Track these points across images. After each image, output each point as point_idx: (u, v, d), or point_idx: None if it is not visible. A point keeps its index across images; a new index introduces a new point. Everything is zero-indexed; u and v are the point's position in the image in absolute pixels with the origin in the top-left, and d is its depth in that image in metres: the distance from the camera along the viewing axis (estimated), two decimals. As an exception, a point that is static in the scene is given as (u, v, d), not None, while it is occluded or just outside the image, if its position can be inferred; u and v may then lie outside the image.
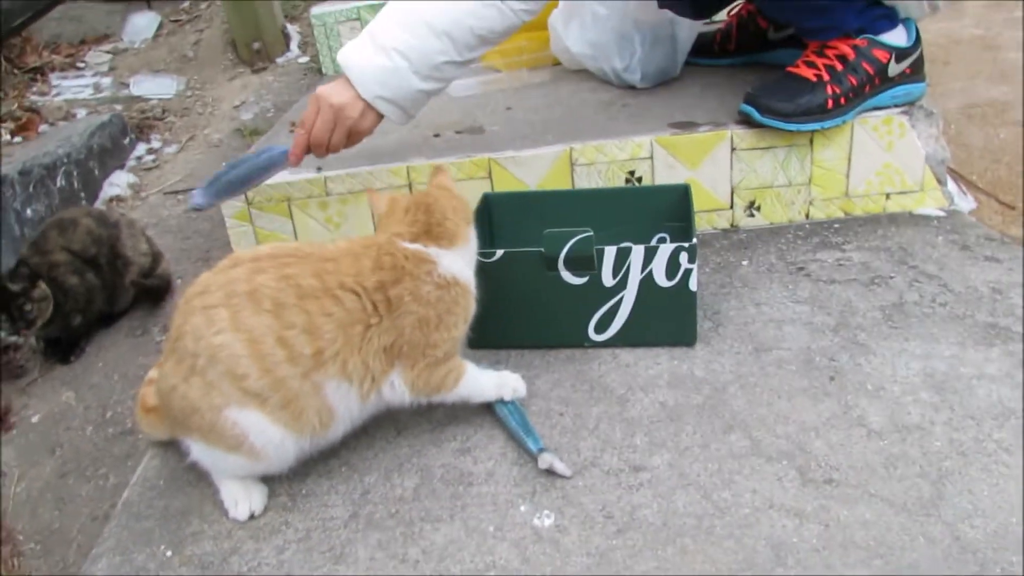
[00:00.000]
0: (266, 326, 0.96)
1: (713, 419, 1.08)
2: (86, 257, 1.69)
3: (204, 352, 0.96)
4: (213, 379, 0.96)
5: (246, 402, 0.96)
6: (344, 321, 0.99)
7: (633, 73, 1.81)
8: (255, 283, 0.98)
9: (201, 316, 0.97)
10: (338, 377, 0.99)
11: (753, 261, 1.47)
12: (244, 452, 0.99)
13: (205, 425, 0.98)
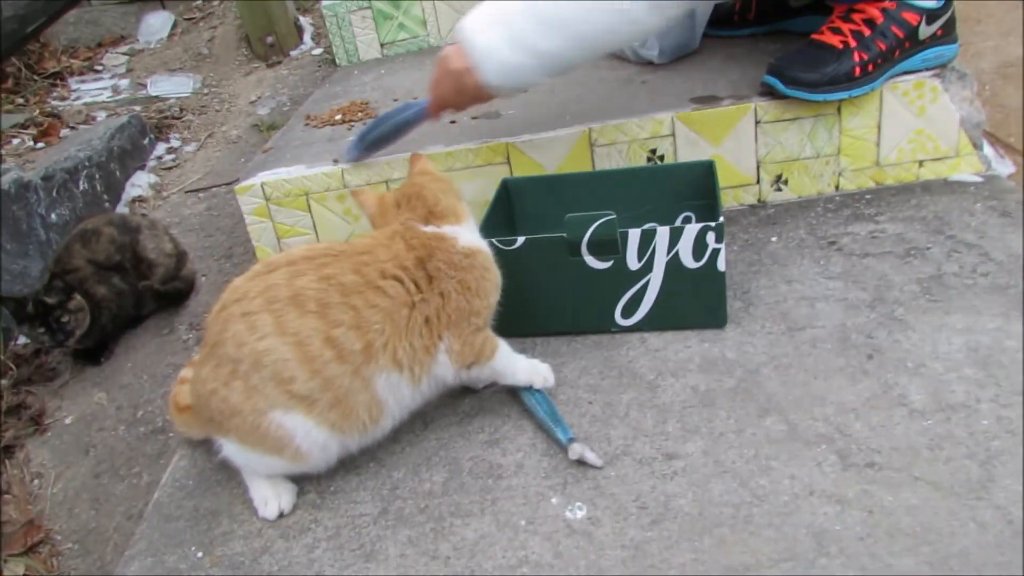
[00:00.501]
0: (312, 328, 0.96)
1: (747, 403, 1.05)
2: (110, 265, 1.70)
3: (247, 358, 0.96)
4: (257, 383, 0.96)
5: (292, 405, 0.96)
6: (390, 309, 0.99)
7: (651, 49, 1.76)
8: (296, 287, 0.98)
9: (242, 323, 0.97)
10: (389, 367, 0.99)
11: (782, 237, 1.43)
12: (287, 455, 0.98)
13: (246, 427, 0.97)
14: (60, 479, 1.55)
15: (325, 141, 1.71)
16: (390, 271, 1.01)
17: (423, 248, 1.04)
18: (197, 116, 2.78)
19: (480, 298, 1.05)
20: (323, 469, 1.04)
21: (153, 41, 3.28)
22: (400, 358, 0.99)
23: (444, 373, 1.04)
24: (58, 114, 2.67)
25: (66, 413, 1.69)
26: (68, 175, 2.11)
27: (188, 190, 2.37)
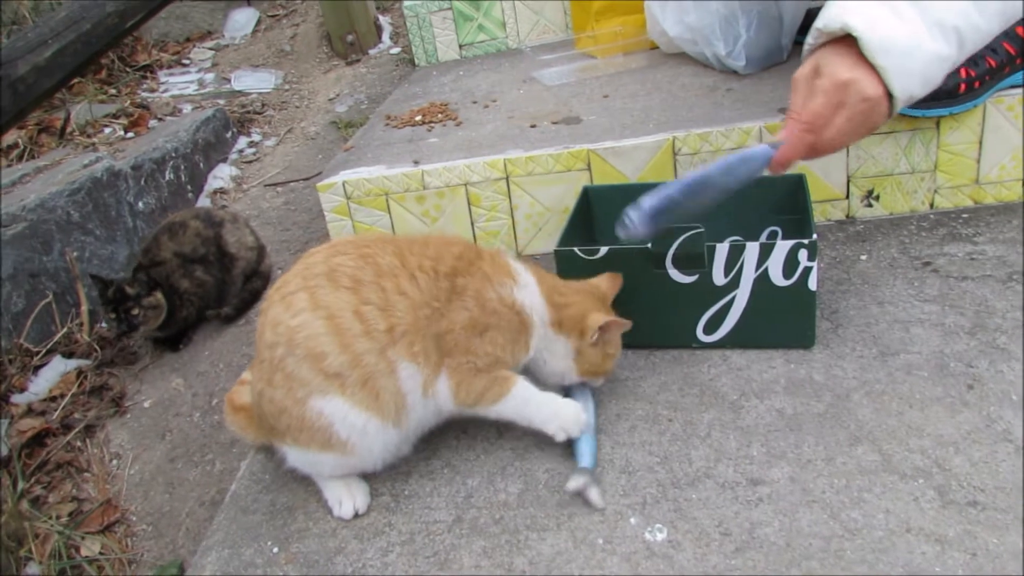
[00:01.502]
0: (344, 301, 0.96)
1: (837, 429, 1.00)
2: (196, 257, 1.75)
3: (283, 338, 0.96)
4: (293, 368, 0.95)
5: (327, 388, 0.95)
6: (416, 301, 0.98)
7: (737, 59, 1.71)
8: (333, 263, 0.99)
9: (280, 304, 0.98)
10: (408, 358, 0.97)
11: (873, 255, 1.37)
12: (334, 446, 0.98)
13: (294, 423, 0.98)
14: (137, 461, 1.60)
15: (405, 142, 1.72)
16: (427, 266, 1.00)
17: (470, 264, 1.03)
18: (277, 111, 2.84)
19: (483, 343, 1.00)
20: (375, 464, 1.02)
21: (238, 37, 3.37)
22: (416, 354, 0.98)
23: (442, 401, 1.01)
24: (147, 105, 2.76)
25: (145, 397, 1.74)
26: (156, 165, 2.18)
27: (267, 184, 2.42)
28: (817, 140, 1.03)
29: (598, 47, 2.03)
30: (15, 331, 1.72)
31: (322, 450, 0.99)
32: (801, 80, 1.05)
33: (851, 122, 1.01)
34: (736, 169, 1.07)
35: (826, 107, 1.01)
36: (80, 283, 1.84)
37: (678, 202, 1.05)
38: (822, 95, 1.01)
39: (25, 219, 1.76)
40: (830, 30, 1.01)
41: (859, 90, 0.98)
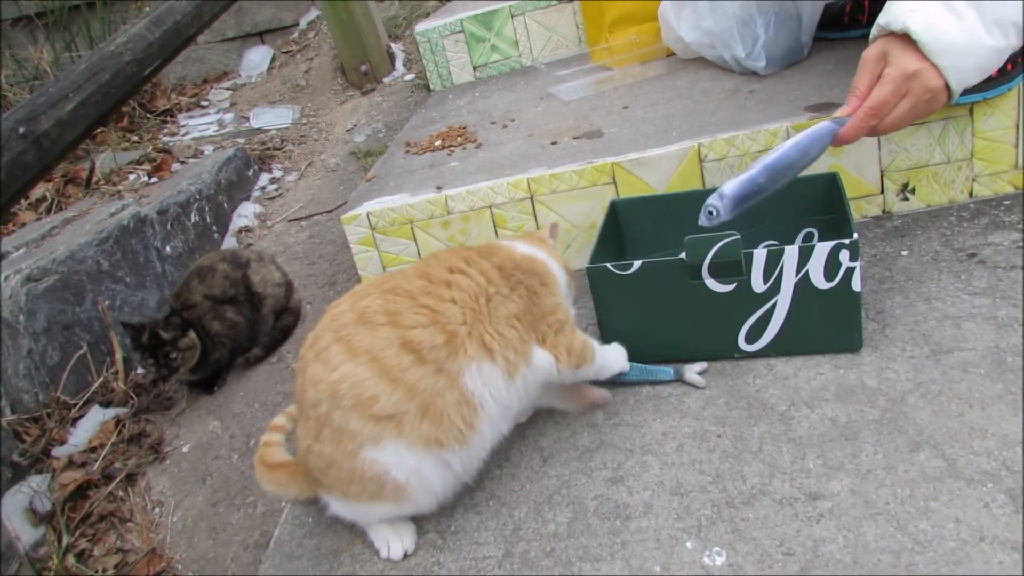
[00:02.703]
0: (385, 338, 0.93)
1: (895, 436, 0.96)
2: (225, 299, 1.75)
3: (324, 394, 0.93)
4: (340, 422, 0.92)
5: (380, 433, 0.92)
6: (466, 299, 0.98)
7: (757, 60, 1.68)
8: (360, 307, 0.97)
9: (316, 363, 0.95)
10: (479, 356, 0.95)
11: (914, 250, 1.32)
12: (388, 495, 0.95)
13: (344, 476, 0.95)
14: (179, 507, 1.59)
15: (426, 168, 1.71)
16: (456, 267, 1.02)
17: (483, 249, 1.08)
18: (297, 146, 2.86)
19: (547, 296, 1.05)
20: (433, 506, 1.00)
21: (254, 75, 3.41)
22: (490, 344, 0.96)
23: (546, 369, 1.02)
24: (169, 149, 2.80)
25: (183, 441, 1.73)
26: (181, 208, 2.20)
27: (291, 219, 2.43)
28: (879, 124, 1.11)
29: (614, 58, 2.01)
30: (51, 384, 1.73)
31: (374, 501, 0.96)
32: (870, 61, 1.11)
33: (913, 110, 1.09)
34: (810, 149, 1.11)
35: (893, 95, 1.08)
36: (113, 331, 1.85)
37: (763, 185, 1.08)
38: (890, 83, 1.08)
39: (56, 271, 1.78)
40: (891, 29, 1.06)
41: (924, 82, 1.06)
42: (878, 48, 1.09)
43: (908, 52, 1.06)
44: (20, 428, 1.68)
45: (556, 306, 1.06)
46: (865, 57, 1.11)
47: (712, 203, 1.07)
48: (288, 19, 3.57)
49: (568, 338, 1.05)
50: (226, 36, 3.54)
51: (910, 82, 1.07)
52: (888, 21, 1.07)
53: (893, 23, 1.06)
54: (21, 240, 2.09)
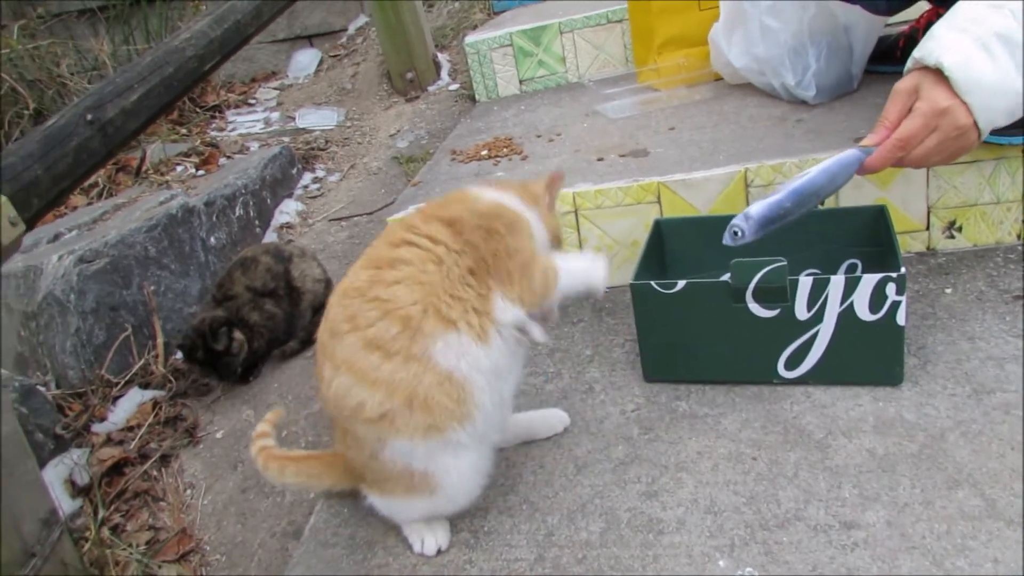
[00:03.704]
0: (352, 344, 0.93)
1: (934, 472, 0.96)
2: (266, 292, 1.79)
3: (335, 409, 0.98)
4: (351, 429, 0.98)
5: (381, 434, 0.94)
6: (413, 272, 0.93)
7: (807, 89, 1.69)
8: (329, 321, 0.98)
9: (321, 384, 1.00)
10: (439, 331, 0.91)
11: (958, 288, 1.32)
12: (419, 486, 0.96)
13: (378, 477, 1.00)
14: (210, 491, 1.62)
15: (471, 176, 1.74)
16: (399, 239, 0.97)
17: (438, 204, 1.02)
18: (340, 148, 2.91)
19: (513, 238, 0.96)
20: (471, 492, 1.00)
21: (301, 77, 3.48)
22: (447, 314, 0.92)
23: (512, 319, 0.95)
24: (217, 144, 2.86)
25: (217, 427, 1.77)
26: (227, 201, 2.25)
27: (332, 218, 2.47)
28: (906, 156, 1.11)
29: (661, 79, 2.03)
30: (96, 362, 1.77)
31: (408, 495, 0.98)
32: (902, 93, 1.11)
33: (940, 145, 1.09)
34: (837, 176, 1.12)
35: (921, 129, 1.08)
36: (156, 316, 1.89)
37: (789, 210, 1.09)
38: (920, 118, 1.08)
39: (107, 255, 1.83)
40: (925, 63, 1.07)
41: (953, 119, 1.06)
42: (911, 81, 1.10)
43: (940, 88, 1.06)
44: (63, 402, 1.73)
45: (520, 249, 0.96)
46: (897, 88, 1.12)
47: (737, 223, 1.08)
48: (337, 24, 3.64)
49: (530, 279, 0.96)
50: (276, 37, 3.61)
51: (940, 118, 1.07)
52: (923, 55, 1.08)
53: (927, 57, 1.07)
54: (74, 222, 2.15)
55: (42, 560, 1.12)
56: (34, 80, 2.89)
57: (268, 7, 2.01)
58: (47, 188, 1.27)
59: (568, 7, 2.47)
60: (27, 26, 3.34)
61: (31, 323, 1.78)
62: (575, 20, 2.32)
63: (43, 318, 1.76)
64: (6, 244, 1.14)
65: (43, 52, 3.05)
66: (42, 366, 1.79)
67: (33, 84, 2.88)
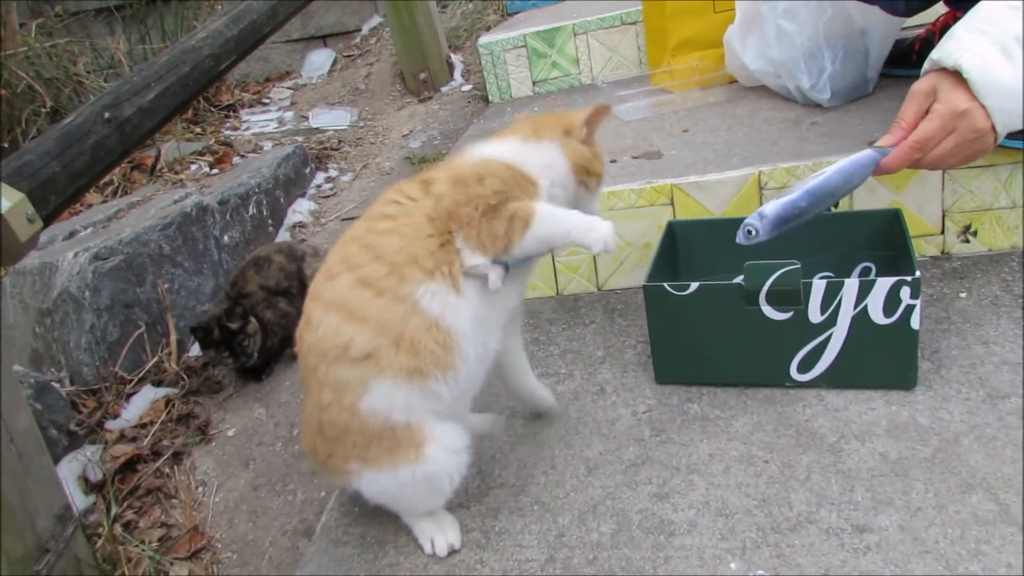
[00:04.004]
0: (344, 284, 0.96)
1: (947, 476, 0.96)
2: (279, 290, 1.80)
3: (314, 356, 0.96)
4: (332, 377, 0.95)
5: (364, 375, 0.93)
6: (396, 226, 0.97)
7: (822, 92, 1.69)
8: (326, 267, 1.00)
9: (307, 331, 0.99)
10: (420, 277, 0.93)
11: (973, 293, 1.31)
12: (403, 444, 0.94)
13: (361, 440, 0.96)
14: (222, 488, 1.63)
15: (485, 176, 1.74)
16: (388, 197, 1.02)
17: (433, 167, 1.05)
18: (353, 148, 2.92)
19: (483, 187, 0.96)
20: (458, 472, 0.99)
21: (315, 76, 3.50)
22: (424, 263, 0.94)
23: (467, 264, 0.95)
24: (230, 143, 2.88)
25: (229, 425, 1.78)
26: (240, 200, 2.26)
27: (344, 218, 2.48)
28: (923, 158, 1.10)
29: (675, 82, 2.03)
30: (109, 360, 1.79)
31: (394, 459, 0.95)
32: (919, 94, 1.10)
33: (957, 148, 1.08)
34: (853, 176, 1.11)
35: (939, 131, 1.07)
36: (170, 314, 1.91)
37: (803, 210, 1.08)
38: (938, 119, 1.07)
39: (122, 252, 1.84)
40: (944, 65, 1.06)
41: (972, 121, 1.05)
42: (928, 82, 1.09)
43: (958, 90, 1.05)
44: (77, 399, 1.74)
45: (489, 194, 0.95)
46: (914, 90, 1.11)
47: (751, 223, 1.08)
48: (351, 24, 3.65)
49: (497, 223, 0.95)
50: (291, 37, 3.63)
51: (958, 120, 1.06)
52: (941, 57, 1.07)
53: (946, 59, 1.06)
54: (89, 220, 2.16)
55: (56, 556, 1.13)
56: (51, 78, 2.92)
57: (284, 7, 2.03)
58: (64, 185, 1.28)
59: (582, 8, 2.47)
60: (44, 24, 3.37)
61: (46, 320, 1.80)
62: (589, 22, 2.32)
63: (58, 315, 1.78)
64: (24, 241, 1.15)
65: (60, 50, 3.07)
66: (57, 362, 1.81)
67: (50, 82, 2.91)
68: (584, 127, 1.06)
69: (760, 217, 1.08)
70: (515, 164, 1.00)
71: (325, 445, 1.01)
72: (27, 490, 1.09)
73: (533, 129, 1.06)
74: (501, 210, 0.95)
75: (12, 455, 1.08)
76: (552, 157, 1.03)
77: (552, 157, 1.03)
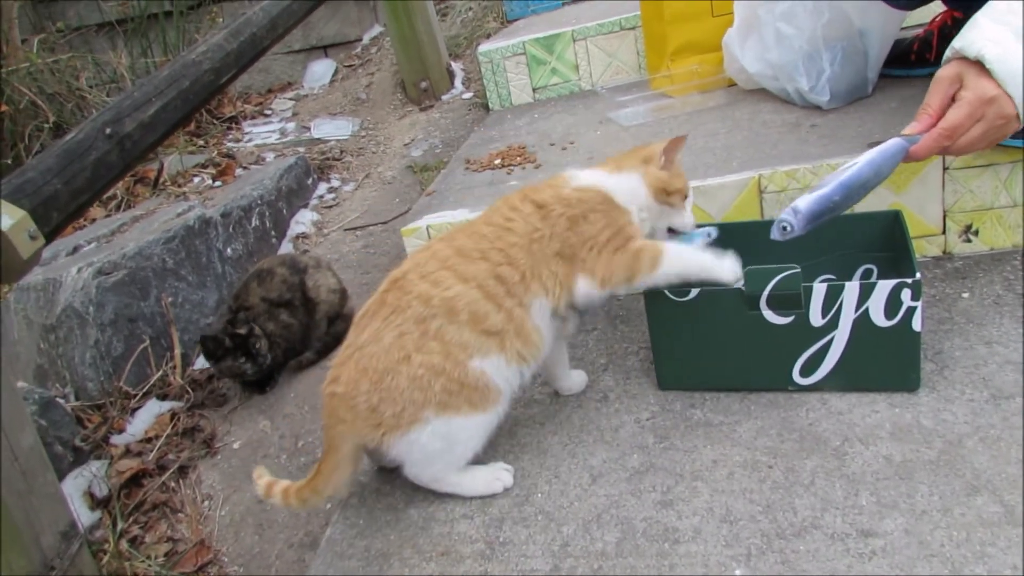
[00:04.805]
0: (484, 270, 1.09)
1: (952, 478, 0.95)
2: (282, 303, 1.80)
3: (439, 309, 1.07)
4: (453, 335, 1.06)
5: (488, 346, 1.08)
6: (523, 243, 1.11)
7: (821, 94, 1.69)
8: (456, 244, 1.13)
9: (424, 283, 1.09)
10: (541, 294, 1.11)
11: (975, 293, 1.31)
12: (488, 400, 1.09)
13: (451, 387, 1.06)
14: (227, 502, 1.63)
15: (486, 185, 1.74)
16: (509, 214, 1.15)
17: (532, 191, 1.18)
18: (355, 157, 2.93)
19: (591, 225, 1.13)
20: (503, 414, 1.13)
21: (316, 87, 3.51)
22: (545, 282, 1.11)
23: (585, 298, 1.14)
24: (233, 155, 2.89)
25: (234, 438, 1.78)
26: (243, 212, 2.27)
27: (347, 228, 2.48)
28: (951, 145, 1.10)
29: (674, 86, 2.03)
30: (114, 374, 1.79)
31: (474, 409, 1.08)
32: (944, 81, 1.10)
33: (985, 135, 1.09)
34: (883, 167, 1.11)
35: (967, 119, 1.07)
36: (174, 327, 1.91)
37: (837, 203, 1.09)
38: (966, 107, 1.07)
39: (125, 267, 1.85)
40: (966, 55, 1.07)
41: (1000, 108, 1.06)
42: (952, 69, 1.10)
43: (984, 78, 1.06)
44: (82, 414, 1.75)
45: (603, 231, 1.13)
46: (939, 77, 1.12)
47: (786, 218, 1.09)
48: (352, 34, 3.67)
49: (626, 255, 1.13)
50: (292, 48, 3.65)
51: (986, 107, 1.06)
52: (963, 46, 1.08)
53: (968, 48, 1.06)
54: (92, 235, 2.18)
55: (61, 573, 1.14)
56: (53, 93, 2.94)
57: (283, 20, 2.04)
58: (66, 202, 1.29)
59: (581, 14, 2.48)
60: (47, 40, 3.39)
61: (50, 335, 1.81)
62: (588, 28, 2.32)
63: (62, 330, 1.79)
64: (26, 258, 1.15)
65: (62, 66, 3.09)
66: (61, 378, 1.82)
67: (52, 97, 2.92)
68: (663, 155, 1.21)
69: (794, 212, 1.08)
70: (608, 193, 1.17)
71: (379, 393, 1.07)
72: (32, 508, 1.10)
73: (617, 164, 1.24)
74: (624, 249, 1.13)
75: (16, 473, 1.08)
76: (634, 185, 1.20)
77: (634, 185, 1.20)
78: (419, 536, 1.07)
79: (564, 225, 1.13)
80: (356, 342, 1.10)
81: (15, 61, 2.94)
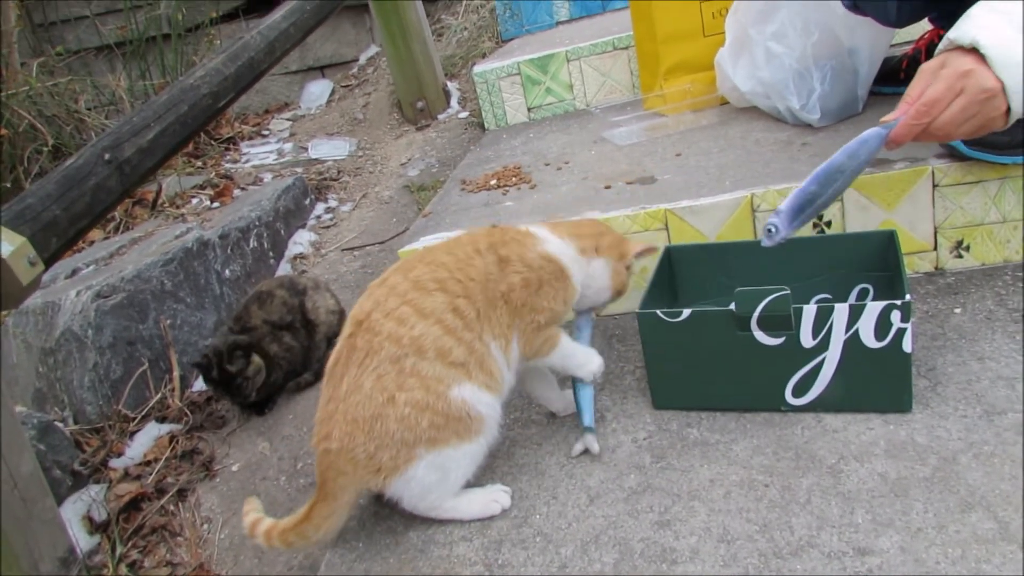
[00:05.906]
0: (442, 303, 1.10)
1: (946, 495, 0.96)
2: (283, 325, 1.81)
3: (410, 348, 1.07)
4: (427, 369, 1.07)
5: (459, 376, 1.08)
6: (479, 280, 1.13)
7: (811, 112, 1.71)
8: (412, 276, 1.12)
9: (390, 321, 1.09)
10: (492, 337, 1.13)
11: (967, 308, 1.32)
12: (472, 430, 1.09)
13: (437, 419, 1.07)
14: (227, 525, 1.63)
15: (481, 206, 1.76)
16: (470, 252, 1.16)
17: (500, 235, 1.20)
18: (352, 177, 2.95)
19: (542, 299, 1.16)
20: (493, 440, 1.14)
21: (313, 107, 3.53)
22: (495, 329, 1.13)
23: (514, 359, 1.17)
24: (231, 176, 2.91)
25: (233, 460, 1.78)
26: (241, 234, 2.28)
27: (344, 248, 2.50)
28: (931, 124, 1.07)
29: (667, 105, 2.05)
30: (113, 397, 1.80)
31: (463, 440, 1.09)
32: (927, 71, 1.08)
33: (966, 111, 1.04)
34: (858, 152, 1.12)
35: (945, 92, 1.04)
36: (172, 350, 1.92)
37: (816, 194, 1.11)
38: (943, 81, 1.04)
39: (124, 289, 1.86)
40: (959, 43, 1.05)
41: (979, 80, 1.02)
42: (938, 60, 1.08)
43: (965, 55, 1.03)
44: (81, 438, 1.75)
45: (545, 310, 1.17)
46: (923, 68, 1.10)
47: (771, 221, 1.10)
48: (348, 55, 3.70)
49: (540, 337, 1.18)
50: (289, 69, 3.68)
51: (964, 79, 1.03)
52: (957, 36, 1.05)
53: (962, 37, 1.04)
54: (91, 257, 2.18)
55: (62, 598, 1.14)
56: (52, 116, 2.96)
57: (280, 43, 2.06)
58: (65, 228, 1.30)
59: (575, 35, 2.51)
60: (46, 63, 3.41)
61: (49, 359, 1.81)
62: (582, 48, 2.35)
63: (61, 354, 1.79)
64: (26, 284, 1.17)
65: (62, 89, 3.12)
66: (60, 402, 1.82)
67: (51, 120, 2.94)
68: (635, 258, 1.28)
69: (777, 214, 1.10)
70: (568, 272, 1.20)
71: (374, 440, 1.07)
72: (31, 534, 1.10)
73: (593, 242, 1.26)
74: (543, 331, 1.18)
75: (16, 500, 1.09)
76: (599, 272, 1.25)
77: (599, 272, 1.25)
78: (418, 559, 1.08)
79: (519, 282, 1.15)
80: (337, 394, 1.09)
81: (14, 85, 2.96)
